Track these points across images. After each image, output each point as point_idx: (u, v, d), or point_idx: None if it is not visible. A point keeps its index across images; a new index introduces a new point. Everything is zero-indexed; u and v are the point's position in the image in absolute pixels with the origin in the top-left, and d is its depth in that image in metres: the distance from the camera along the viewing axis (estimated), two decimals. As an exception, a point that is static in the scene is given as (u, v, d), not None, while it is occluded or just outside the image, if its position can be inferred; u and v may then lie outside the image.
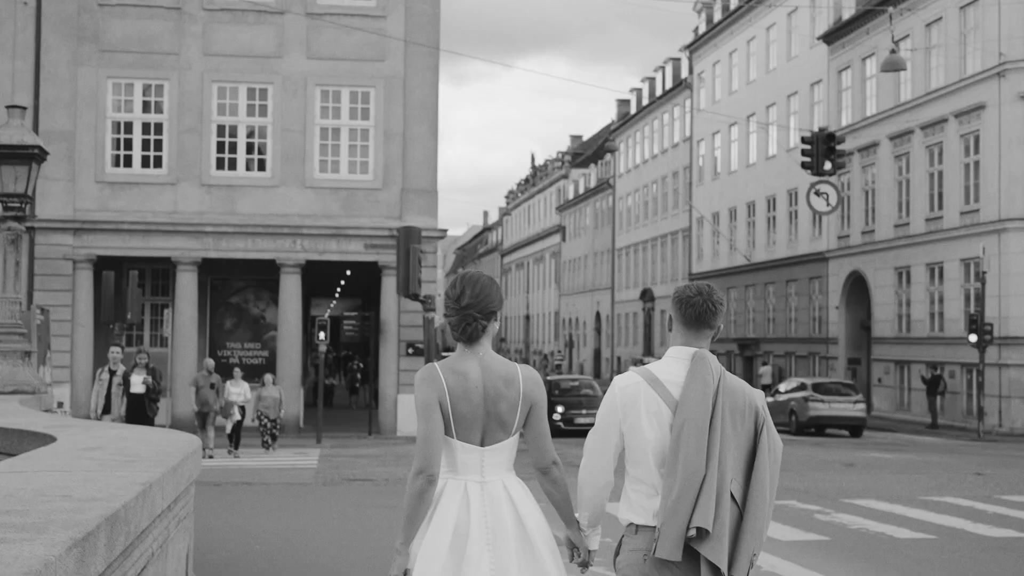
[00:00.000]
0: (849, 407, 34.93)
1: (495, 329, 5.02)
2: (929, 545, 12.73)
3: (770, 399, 36.75)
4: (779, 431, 5.10)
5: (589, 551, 5.08)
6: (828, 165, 29.43)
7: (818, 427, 35.24)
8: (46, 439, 8.91)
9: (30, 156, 16.33)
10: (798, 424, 35.17)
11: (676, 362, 4.85)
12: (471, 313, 4.92)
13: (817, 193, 32.64)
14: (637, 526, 4.78)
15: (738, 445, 4.76)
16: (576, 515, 5.06)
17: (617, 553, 4.86)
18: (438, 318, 42.73)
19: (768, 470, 4.77)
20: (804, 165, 29.86)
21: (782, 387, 38.02)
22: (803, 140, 30.44)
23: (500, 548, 4.75)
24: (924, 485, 19.39)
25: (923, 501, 16.86)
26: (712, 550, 4.59)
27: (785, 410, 35.70)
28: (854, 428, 34.90)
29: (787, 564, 11.32)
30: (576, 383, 35.80)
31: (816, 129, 34.15)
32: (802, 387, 36.07)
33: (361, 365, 49.73)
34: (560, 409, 32.70)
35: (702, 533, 4.59)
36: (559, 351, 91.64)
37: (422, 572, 4.71)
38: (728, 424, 4.73)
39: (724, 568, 4.61)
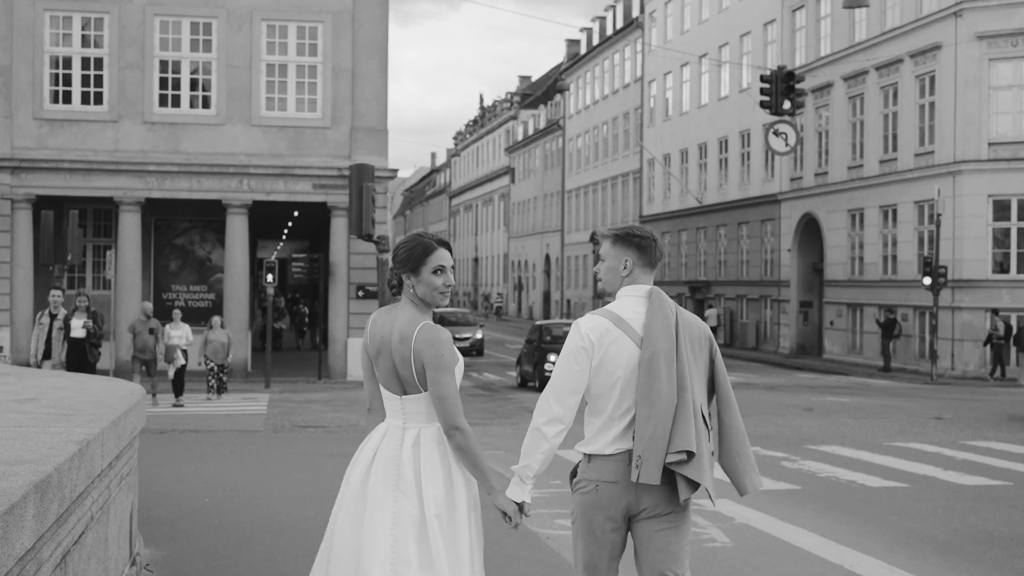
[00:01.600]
0: None
1: (417, 288, 5.07)
2: (903, 494, 12.36)
3: None
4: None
5: (521, 508, 5.03)
6: (787, 104, 28.96)
7: None
8: (-24, 389, 8.27)
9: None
10: None
11: (633, 300, 5.10)
12: (393, 270, 5.18)
13: (776, 133, 32.18)
14: (590, 456, 5.02)
15: (700, 372, 5.07)
16: (518, 465, 5.04)
17: (574, 476, 5.14)
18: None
19: (731, 392, 5.18)
20: (763, 104, 29.38)
21: None
22: (762, 79, 29.95)
23: (404, 493, 4.92)
24: (886, 430, 19.10)
25: (888, 447, 16.55)
26: (695, 470, 4.87)
27: None
28: None
29: (760, 515, 10.91)
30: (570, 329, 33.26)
31: (771, 69, 33.59)
32: None
33: (307, 308, 49.00)
34: (552, 359, 28.67)
35: (690, 455, 4.86)
36: (498, 293, 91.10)
37: (339, 500, 5.08)
38: (689, 352, 5.02)
39: (706, 484, 4.93)
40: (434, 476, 4.94)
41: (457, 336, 44.80)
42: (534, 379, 29.65)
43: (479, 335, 47.57)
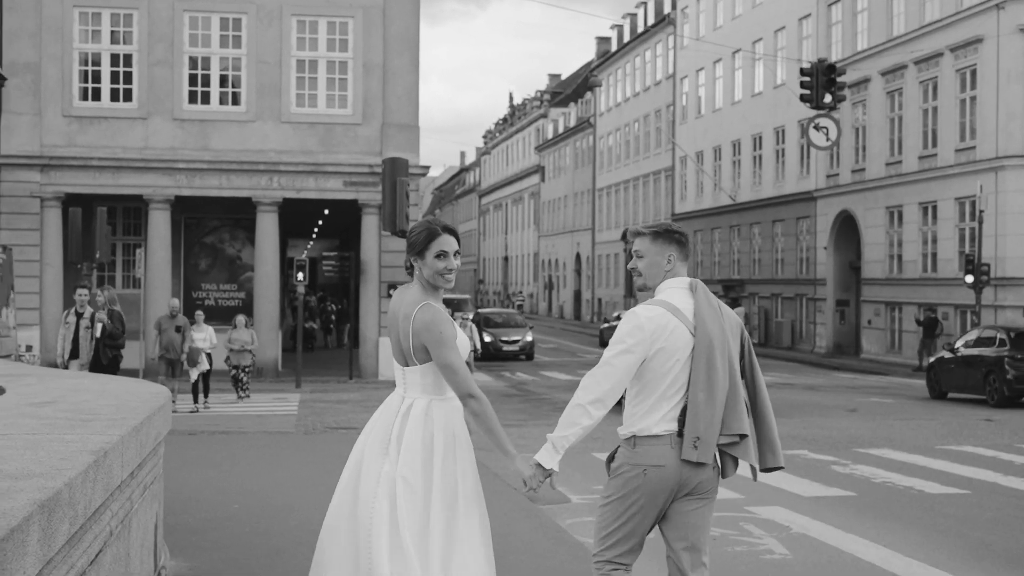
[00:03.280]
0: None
1: (423, 271, 5.43)
2: (965, 501, 11.76)
3: None
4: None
5: (544, 474, 5.19)
6: (828, 98, 28.29)
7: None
8: (-7, 391, 7.82)
9: (-15, 81, 15.13)
10: None
11: (679, 291, 5.34)
12: (406, 253, 5.55)
13: (816, 127, 31.47)
14: (635, 439, 5.19)
15: (737, 358, 5.37)
16: (554, 434, 5.19)
17: (611, 460, 5.35)
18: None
19: (761, 375, 5.50)
20: (803, 98, 28.72)
21: None
22: (802, 72, 29.27)
23: (388, 461, 5.26)
24: (936, 432, 18.48)
25: (942, 451, 15.94)
26: (744, 451, 5.25)
27: None
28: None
29: (819, 524, 10.33)
30: None
31: (810, 62, 32.90)
32: None
33: (334, 307, 48.48)
34: None
35: (742, 438, 5.22)
36: (519, 291, 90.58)
37: (347, 464, 5.47)
38: (731, 340, 5.34)
39: (758, 465, 5.33)
40: (411, 444, 5.26)
41: (504, 339, 41.60)
42: None
43: (529, 337, 42.56)
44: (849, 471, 13.84)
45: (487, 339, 40.33)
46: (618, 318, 49.05)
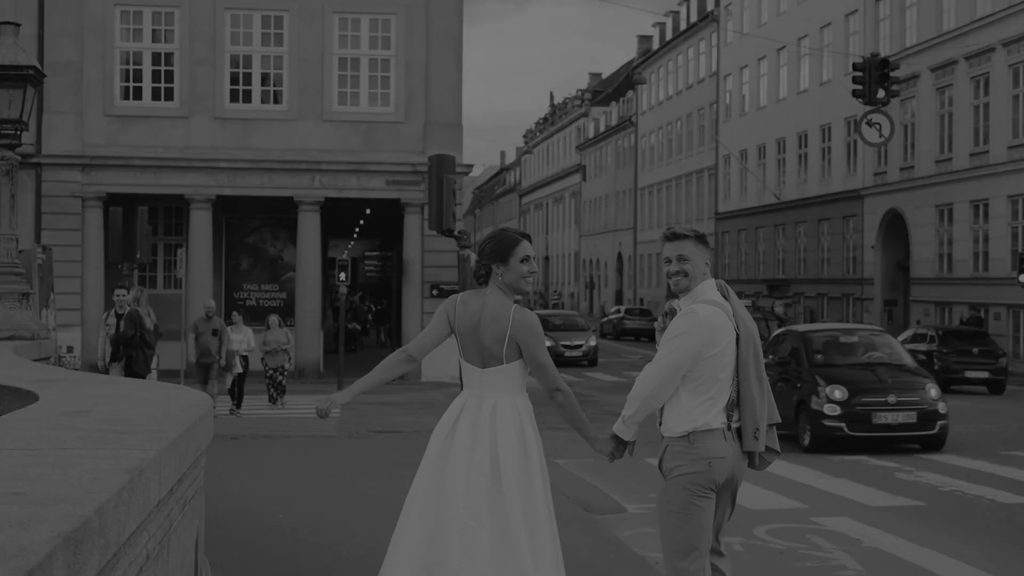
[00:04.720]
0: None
1: (505, 276, 5.73)
2: (1043, 512, 11.23)
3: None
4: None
5: (623, 445, 5.55)
6: (881, 93, 27.66)
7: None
8: (27, 397, 7.43)
9: (24, 78, 14.76)
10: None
11: (714, 291, 5.55)
12: (480, 262, 5.85)
13: (869, 123, 30.82)
14: (694, 434, 5.31)
15: None
16: (623, 413, 5.50)
17: (662, 461, 5.44)
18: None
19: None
20: (855, 93, 28.10)
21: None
22: (854, 67, 28.66)
23: (479, 453, 5.51)
24: (998, 437, 17.92)
25: (1007, 457, 15.35)
26: (773, 438, 5.51)
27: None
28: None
29: (891, 537, 9.81)
30: None
31: (862, 57, 32.24)
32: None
33: (373, 307, 48.18)
34: (833, 392, 23.97)
35: (777, 427, 5.54)
36: (556, 291, 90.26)
37: (422, 465, 5.67)
38: None
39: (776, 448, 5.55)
40: (509, 446, 5.50)
41: (565, 344, 38.57)
42: (797, 430, 16.55)
43: (592, 342, 39.28)
44: (914, 478, 13.31)
45: (547, 344, 38.42)
46: (616, 312, 52.17)
